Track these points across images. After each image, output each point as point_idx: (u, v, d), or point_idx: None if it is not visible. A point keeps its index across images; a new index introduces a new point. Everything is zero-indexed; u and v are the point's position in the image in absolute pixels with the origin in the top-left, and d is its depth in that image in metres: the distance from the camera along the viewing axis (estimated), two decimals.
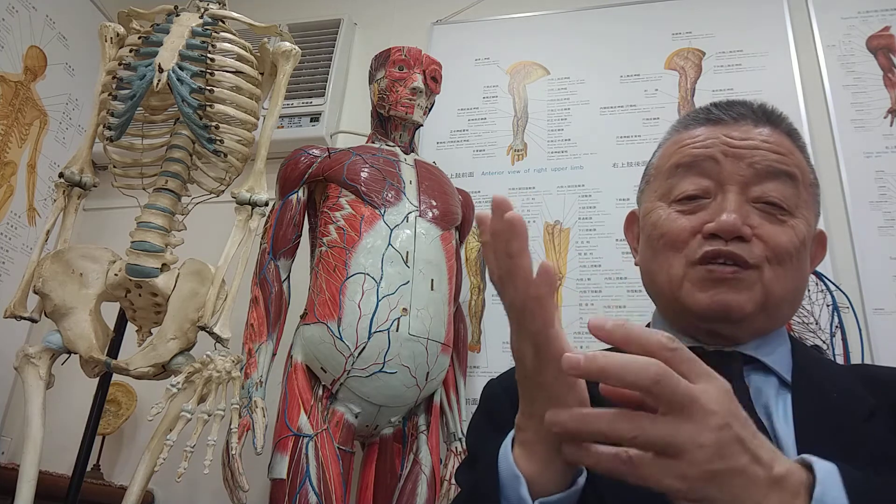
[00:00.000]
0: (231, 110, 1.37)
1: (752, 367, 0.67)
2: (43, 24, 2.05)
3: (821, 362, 0.72)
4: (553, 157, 2.00)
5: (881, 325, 1.61)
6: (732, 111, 0.71)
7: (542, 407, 0.51)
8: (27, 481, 1.19)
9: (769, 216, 0.66)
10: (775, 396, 0.65)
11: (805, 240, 0.67)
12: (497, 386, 0.78)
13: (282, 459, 1.28)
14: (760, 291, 0.65)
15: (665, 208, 0.71)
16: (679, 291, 0.67)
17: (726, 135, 0.69)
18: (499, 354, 1.79)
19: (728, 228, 0.64)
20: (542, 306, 0.49)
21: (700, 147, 0.70)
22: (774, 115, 0.72)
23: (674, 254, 0.68)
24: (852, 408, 0.62)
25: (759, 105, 0.73)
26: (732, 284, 0.65)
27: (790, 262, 0.66)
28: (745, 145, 0.68)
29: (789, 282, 0.66)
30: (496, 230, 0.49)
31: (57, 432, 1.57)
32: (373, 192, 1.45)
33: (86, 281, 1.33)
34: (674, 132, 0.76)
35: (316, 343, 1.37)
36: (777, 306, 0.67)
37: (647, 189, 0.76)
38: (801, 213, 0.68)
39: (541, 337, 0.50)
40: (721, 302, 0.65)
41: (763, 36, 1.99)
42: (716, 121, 0.71)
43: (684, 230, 0.68)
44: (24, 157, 1.99)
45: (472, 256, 1.92)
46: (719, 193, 0.68)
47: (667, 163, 0.73)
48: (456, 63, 2.11)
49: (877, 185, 1.76)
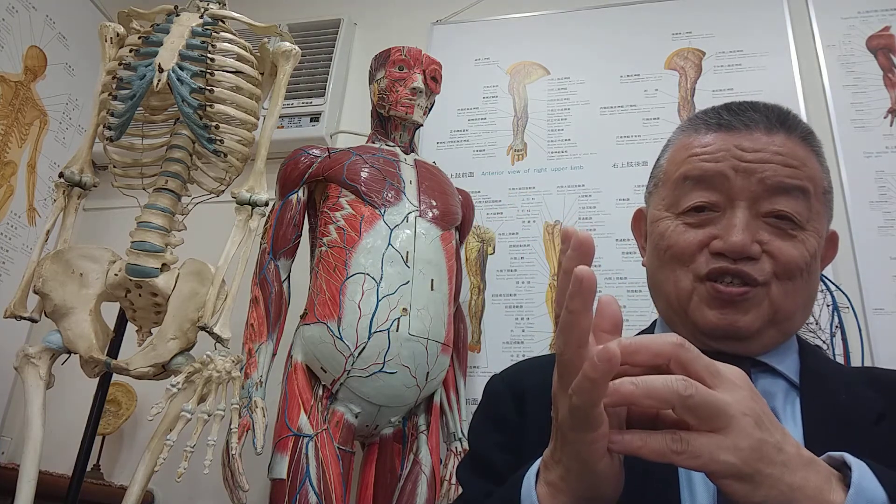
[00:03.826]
0: (231, 110, 1.37)
1: (760, 370, 0.67)
2: (43, 24, 2.05)
3: (828, 364, 0.71)
4: (553, 157, 2.00)
5: (881, 325, 1.61)
6: (745, 117, 0.69)
7: (569, 459, 0.49)
8: (27, 481, 1.19)
9: (779, 231, 0.65)
10: (783, 399, 0.65)
11: (816, 252, 0.66)
12: (500, 383, 0.77)
13: (282, 459, 1.28)
14: (768, 308, 0.64)
15: (672, 219, 0.69)
16: (687, 305, 0.67)
17: (737, 146, 0.67)
18: (499, 354, 1.79)
19: (737, 249, 0.63)
20: (594, 388, 0.44)
21: (710, 161, 0.68)
22: (789, 119, 0.70)
23: (681, 267, 0.68)
24: (861, 410, 0.62)
25: (773, 109, 0.70)
26: (740, 306, 0.64)
27: (800, 276, 0.65)
28: (757, 159, 0.66)
29: (799, 296, 0.66)
30: (566, 269, 0.46)
31: (57, 432, 1.57)
32: (373, 192, 1.45)
33: (86, 281, 1.33)
34: (683, 134, 0.74)
35: (316, 343, 1.37)
36: (788, 319, 0.66)
37: (655, 193, 0.75)
38: (812, 226, 0.66)
39: (580, 411, 0.46)
40: (729, 322, 0.64)
41: (763, 36, 1.99)
42: (727, 127, 0.69)
43: (691, 245, 0.67)
44: (24, 157, 1.99)
45: (472, 256, 1.92)
46: (728, 208, 0.66)
47: (676, 170, 0.71)
48: (456, 63, 2.11)
49: (877, 185, 1.76)
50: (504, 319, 1.84)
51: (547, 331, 1.80)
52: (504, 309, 1.85)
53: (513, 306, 1.85)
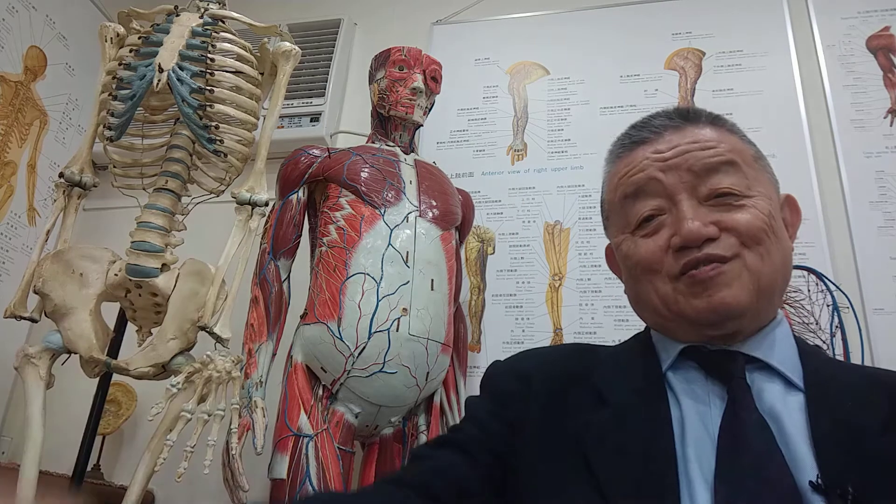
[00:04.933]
0: (231, 110, 1.37)
1: (754, 367, 0.67)
2: (43, 24, 2.05)
3: (832, 366, 0.71)
4: (553, 157, 2.00)
5: (881, 325, 1.61)
6: (651, 127, 0.74)
7: None
8: (27, 481, 1.19)
9: (726, 206, 0.67)
10: (783, 399, 0.65)
11: (770, 212, 0.68)
12: (502, 365, 0.79)
13: (282, 459, 1.28)
14: (749, 277, 0.65)
15: (630, 238, 0.72)
16: (675, 306, 0.68)
17: (655, 151, 0.71)
18: (499, 354, 1.77)
19: (693, 236, 0.65)
20: None
21: (637, 172, 0.72)
22: (690, 113, 0.74)
23: (655, 276, 0.69)
24: (870, 419, 0.62)
25: (673, 110, 0.75)
26: (720, 281, 0.65)
27: (766, 237, 0.67)
28: (676, 153, 0.70)
29: (774, 256, 0.67)
30: None
31: (57, 432, 1.57)
32: (373, 192, 1.45)
33: (86, 281, 1.33)
34: (609, 165, 0.79)
35: (316, 343, 1.37)
36: (771, 284, 0.67)
37: (610, 225, 0.78)
38: (756, 191, 0.69)
39: None
40: (718, 301, 0.65)
41: (763, 36, 1.99)
42: (640, 142, 0.74)
43: (654, 251, 0.69)
44: (25, 157, 1.99)
45: (472, 256, 1.92)
46: (672, 207, 0.69)
47: (615, 196, 0.75)
48: (456, 63, 2.11)
49: (877, 185, 1.76)
50: (504, 319, 1.84)
51: (547, 331, 1.80)
52: (504, 309, 1.85)
53: (513, 306, 1.85)
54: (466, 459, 0.68)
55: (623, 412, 0.66)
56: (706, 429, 0.63)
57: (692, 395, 0.66)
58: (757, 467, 0.58)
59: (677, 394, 0.67)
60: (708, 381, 0.67)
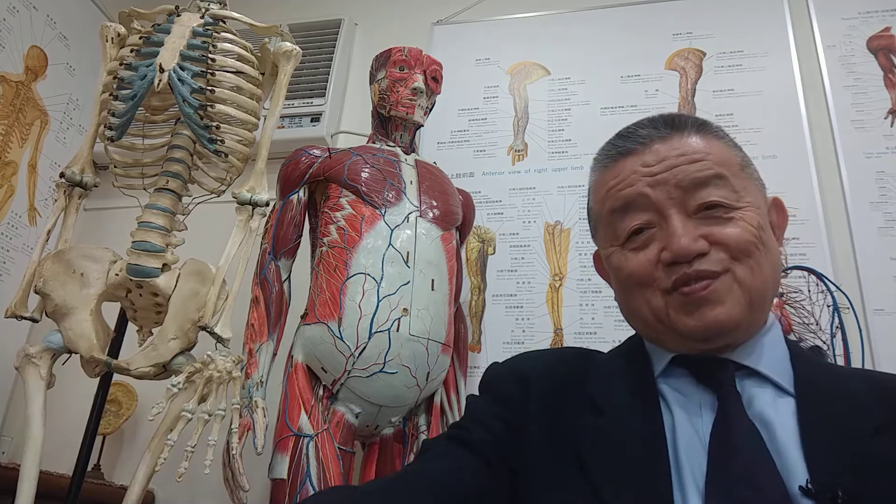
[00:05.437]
0: (232, 110, 1.37)
1: (744, 374, 0.67)
2: (44, 23, 2.05)
3: (824, 370, 0.71)
4: (553, 157, 2.00)
5: (881, 325, 1.61)
6: (637, 136, 0.73)
7: None
8: (28, 481, 1.19)
9: (715, 219, 0.67)
10: (773, 404, 0.65)
11: (759, 223, 0.68)
12: (501, 367, 0.80)
13: (282, 459, 1.28)
14: (740, 291, 0.65)
15: (620, 251, 0.72)
16: (667, 319, 0.68)
17: (643, 164, 0.71)
18: (499, 354, 1.78)
19: (683, 252, 0.65)
20: None
21: (625, 187, 0.71)
22: (676, 120, 0.73)
23: (647, 289, 0.69)
24: (861, 421, 0.62)
25: (659, 118, 0.74)
26: (712, 298, 0.65)
27: (756, 249, 0.66)
28: (664, 168, 0.69)
29: (764, 267, 0.67)
30: None
31: (57, 432, 1.57)
32: (373, 192, 1.45)
33: (86, 281, 1.33)
34: (596, 174, 0.78)
35: (316, 343, 1.37)
36: (762, 296, 0.67)
37: (598, 234, 0.78)
38: (744, 201, 0.68)
39: None
40: (711, 320, 0.65)
41: (764, 36, 1.99)
42: (627, 153, 0.73)
43: (645, 265, 0.69)
44: (25, 157, 1.99)
45: (473, 256, 1.92)
46: (662, 221, 0.69)
47: (602, 208, 0.75)
48: (456, 63, 2.11)
49: (877, 186, 1.76)
50: (504, 319, 1.84)
51: (547, 331, 1.80)
52: (504, 309, 1.85)
53: (513, 306, 1.85)
54: (482, 464, 0.68)
55: (616, 419, 0.67)
56: (698, 436, 0.63)
57: (683, 403, 0.67)
58: (747, 474, 0.58)
59: (669, 401, 0.68)
60: (699, 388, 0.67)
